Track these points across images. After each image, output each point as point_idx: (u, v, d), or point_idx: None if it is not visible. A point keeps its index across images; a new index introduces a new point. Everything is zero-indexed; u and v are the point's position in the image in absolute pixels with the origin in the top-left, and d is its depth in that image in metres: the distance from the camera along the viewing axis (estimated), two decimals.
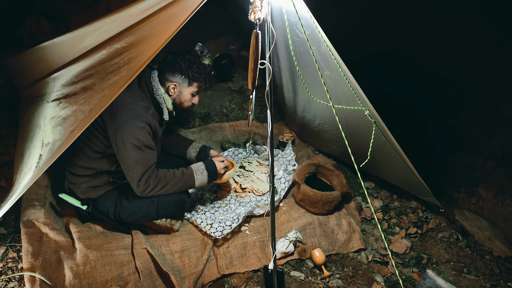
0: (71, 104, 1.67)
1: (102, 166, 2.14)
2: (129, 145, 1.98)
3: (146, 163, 2.04)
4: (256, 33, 1.35)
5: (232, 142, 3.34)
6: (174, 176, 2.17)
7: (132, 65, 1.49)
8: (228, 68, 4.06)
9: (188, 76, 2.18)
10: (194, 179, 2.24)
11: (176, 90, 2.21)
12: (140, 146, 2.00)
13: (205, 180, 2.29)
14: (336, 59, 1.84)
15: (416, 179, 2.54)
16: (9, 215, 2.19)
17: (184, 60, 2.17)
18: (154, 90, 2.17)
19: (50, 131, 1.73)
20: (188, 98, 2.26)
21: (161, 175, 2.11)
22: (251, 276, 2.24)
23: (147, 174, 2.04)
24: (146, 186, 2.06)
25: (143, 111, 2.07)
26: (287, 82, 2.92)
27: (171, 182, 2.15)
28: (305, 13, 1.69)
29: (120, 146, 1.99)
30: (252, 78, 1.46)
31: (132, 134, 1.98)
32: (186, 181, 2.22)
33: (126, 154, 2.00)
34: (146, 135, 2.04)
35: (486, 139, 3.76)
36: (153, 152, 2.08)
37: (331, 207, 2.61)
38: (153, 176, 2.07)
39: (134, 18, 1.53)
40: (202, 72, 2.21)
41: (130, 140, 1.97)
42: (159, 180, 2.09)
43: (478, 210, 3.06)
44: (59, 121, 1.71)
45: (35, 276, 1.85)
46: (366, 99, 2.05)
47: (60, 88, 1.73)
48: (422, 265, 2.50)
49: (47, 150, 1.70)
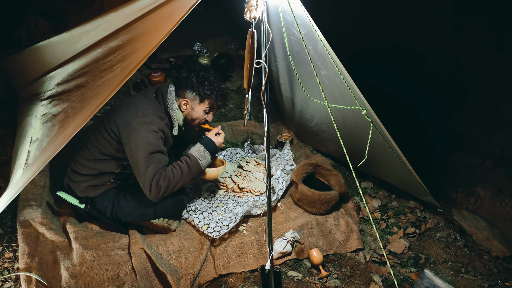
0: (63, 102, 1.67)
1: (107, 167, 2.15)
2: (142, 149, 1.98)
3: (157, 167, 2.03)
4: (251, 32, 1.35)
5: (230, 141, 3.34)
6: (182, 170, 2.14)
7: (126, 63, 1.49)
8: (227, 67, 4.06)
9: (199, 93, 2.18)
10: (200, 166, 2.20)
11: (187, 106, 2.22)
12: (153, 151, 2.00)
13: (209, 159, 2.25)
14: (332, 58, 1.84)
15: (414, 179, 2.53)
16: (5, 215, 2.19)
17: (196, 77, 2.16)
18: (169, 104, 2.18)
19: (39, 128, 1.73)
20: (201, 115, 2.26)
21: (169, 174, 2.08)
22: (248, 276, 2.23)
23: (156, 177, 2.03)
24: (158, 189, 2.02)
25: (157, 119, 2.08)
26: (285, 81, 2.92)
27: (182, 178, 2.11)
28: (301, 12, 1.69)
29: (133, 150, 1.99)
30: (248, 77, 1.45)
31: (146, 139, 1.99)
32: (194, 171, 2.18)
33: (138, 159, 1.99)
34: (159, 140, 2.05)
35: (485, 139, 3.76)
36: (165, 157, 2.08)
37: (329, 207, 2.61)
38: (162, 177, 2.04)
39: (130, 17, 1.53)
40: (214, 89, 2.19)
41: (144, 144, 1.98)
42: (169, 179, 2.06)
43: (476, 210, 3.06)
44: (49, 118, 1.71)
45: (31, 276, 1.85)
46: (363, 99, 2.05)
47: (54, 87, 1.73)
48: (420, 265, 2.49)
49: (35, 147, 1.70)
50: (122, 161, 2.14)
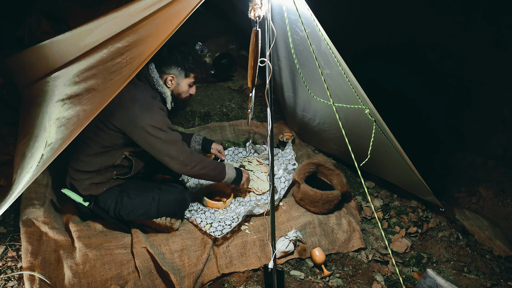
0: (75, 105, 1.67)
1: (108, 160, 2.15)
2: (153, 131, 2.04)
3: (176, 141, 2.12)
4: (256, 31, 1.35)
5: (232, 141, 3.34)
6: (211, 161, 2.29)
7: (133, 64, 1.49)
8: (228, 67, 4.06)
9: (184, 68, 2.23)
10: (225, 172, 2.36)
11: (173, 82, 2.25)
12: (163, 128, 2.07)
13: (232, 178, 2.41)
14: (336, 57, 1.84)
15: (416, 179, 2.53)
16: (8, 214, 2.19)
17: (179, 53, 2.21)
18: (154, 81, 2.20)
19: (54, 132, 1.73)
20: (186, 89, 2.31)
21: (198, 156, 2.21)
22: (251, 275, 2.23)
23: (184, 149, 2.14)
24: (189, 161, 2.15)
25: (152, 100, 2.13)
26: (287, 81, 2.92)
27: (211, 166, 2.27)
28: (306, 11, 1.69)
29: (144, 135, 2.04)
30: (251, 76, 1.45)
31: (153, 119, 2.04)
32: (220, 171, 2.34)
33: (153, 140, 2.06)
34: (165, 118, 2.12)
35: (487, 139, 3.76)
36: (176, 133, 2.16)
37: (331, 206, 2.61)
38: (192, 153, 2.18)
39: (135, 17, 1.52)
40: (198, 63, 2.27)
41: (153, 125, 2.04)
42: (200, 160, 2.20)
43: (478, 210, 3.06)
44: (64, 122, 1.71)
45: (35, 275, 1.85)
46: (366, 98, 2.05)
47: (63, 89, 1.73)
48: (422, 264, 2.49)
49: (48, 150, 1.70)
50: (122, 150, 2.16)
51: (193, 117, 3.53)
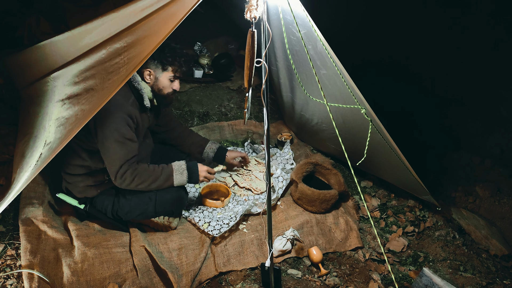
0: (74, 105, 1.68)
1: (95, 163, 2.13)
2: (110, 138, 1.97)
3: (125, 156, 2.02)
4: (252, 31, 1.37)
5: (231, 141, 3.36)
6: (154, 173, 2.13)
7: (131, 64, 1.51)
8: (227, 67, 4.08)
9: (160, 61, 2.11)
10: (172, 179, 2.20)
11: (151, 76, 2.15)
12: (121, 139, 1.99)
13: (184, 181, 2.24)
14: (332, 57, 1.85)
15: (413, 178, 2.55)
16: (7, 213, 2.21)
17: None
18: (131, 77, 2.10)
19: (53, 131, 1.75)
20: (167, 84, 2.19)
21: (140, 171, 2.07)
22: (248, 274, 2.25)
23: (124, 167, 2.02)
24: (122, 180, 2.04)
25: (123, 100, 2.04)
26: (285, 81, 2.94)
27: (149, 179, 2.11)
28: (301, 12, 1.71)
29: (100, 138, 1.98)
30: (248, 76, 1.47)
31: (113, 126, 1.97)
32: (165, 180, 2.18)
33: (107, 146, 1.99)
34: (127, 127, 2.01)
35: (484, 138, 3.78)
36: (134, 145, 2.06)
37: (328, 206, 2.62)
38: (131, 169, 2.03)
39: (133, 18, 1.54)
40: (174, 55, 2.12)
41: (111, 132, 1.97)
42: (137, 175, 2.06)
43: (475, 209, 3.07)
44: (62, 121, 1.72)
45: (33, 273, 1.87)
46: (362, 98, 2.06)
47: (63, 89, 1.74)
48: (418, 263, 2.51)
49: (47, 149, 1.72)
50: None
51: (192, 117, 3.54)
